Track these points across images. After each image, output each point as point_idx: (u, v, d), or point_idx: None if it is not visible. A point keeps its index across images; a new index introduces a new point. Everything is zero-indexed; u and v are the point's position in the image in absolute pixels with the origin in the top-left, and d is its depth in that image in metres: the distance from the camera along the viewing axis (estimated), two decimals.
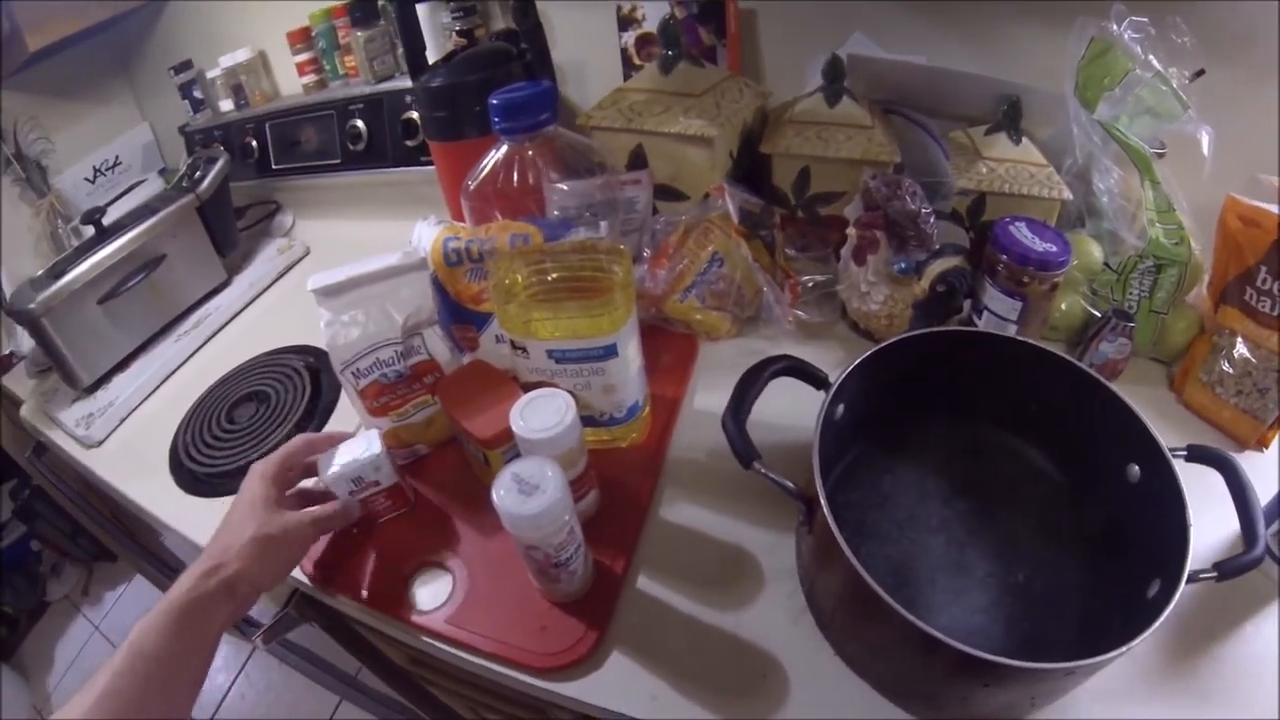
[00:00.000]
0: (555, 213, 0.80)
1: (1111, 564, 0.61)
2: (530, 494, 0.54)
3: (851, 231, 0.85)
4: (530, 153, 0.75)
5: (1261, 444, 0.76)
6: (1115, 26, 0.79)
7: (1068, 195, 0.86)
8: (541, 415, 0.60)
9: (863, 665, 0.59)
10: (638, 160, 0.93)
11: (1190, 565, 0.51)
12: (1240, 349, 0.77)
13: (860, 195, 0.86)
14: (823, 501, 0.53)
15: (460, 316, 0.78)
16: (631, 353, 0.69)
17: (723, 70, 0.99)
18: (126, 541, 1.42)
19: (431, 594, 0.68)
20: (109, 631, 2.03)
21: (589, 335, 0.65)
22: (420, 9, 1.03)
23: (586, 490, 0.67)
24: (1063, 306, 0.87)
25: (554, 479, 0.55)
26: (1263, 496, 0.63)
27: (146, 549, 1.43)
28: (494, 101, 0.69)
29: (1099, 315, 0.84)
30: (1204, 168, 0.77)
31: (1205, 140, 0.77)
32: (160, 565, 1.43)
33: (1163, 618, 0.47)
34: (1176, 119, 0.79)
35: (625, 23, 1.07)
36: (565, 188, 0.78)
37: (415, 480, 0.78)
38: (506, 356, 0.70)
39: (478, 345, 0.80)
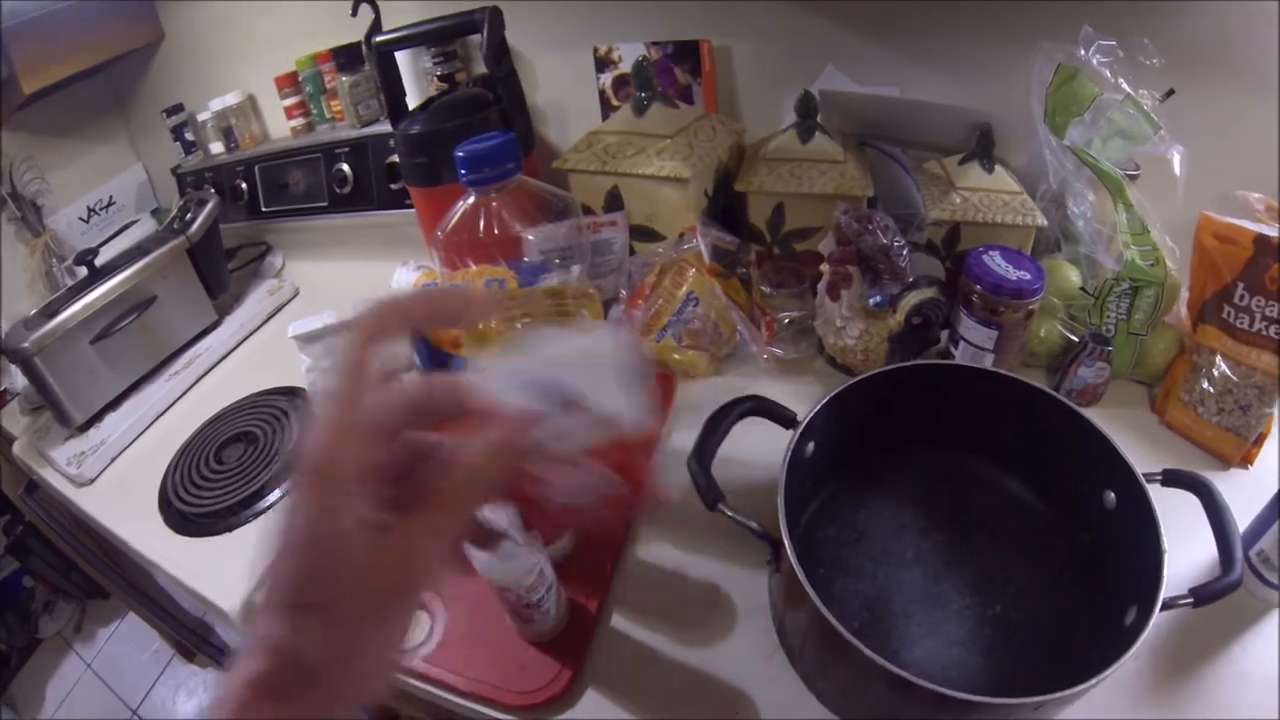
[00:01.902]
0: (526, 258, 0.82)
1: (1089, 592, 0.61)
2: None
3: (825, 267, 0.86)
4: (494, 203, 0.77)
5: (1246, 461, 0.77)
6: (1083, 51, 0.80)
7: (1042, 222, 0.87)
8: None
9: (835, 702, 0.60)
10: (614, 202, 0.95)
11: (1167, 591, 0.51)
12: (1220, 367, 0.77)
13: (833, 231, 0.87)
14: (787, 543, 0.54)
15: (439, 361, 0.80)
16: None
17: (698, 109, 1.01)
18: (119, 579, 1.43)
19: (410, 634, 0.69)
20: (101, 669, 2.03)
21: None
22: (402, 55, 1.06)
23: (560, 532, 0.68)
24: (1041, 333, 0.88)
25: (520, 522, 0.56)
26: (1251, 512, 0.65)
27: (139, 587, 1.44)
28: (459, 154, 0.71)
29: (1077, 340, 0.84)
30: (1177, 188, 0.78)
31: (1177, 160, 0.79)
32: (153, 604, 1.44)
33: (1135, 647, 0.48)
34: (1148, 140, 0.80)
35: (602, 64, 1.10)
36: (534, 236, 0.80)
37: None
38: None
39: None
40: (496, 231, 0.76)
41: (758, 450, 0.69)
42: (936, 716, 0.52)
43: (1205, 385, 0.78)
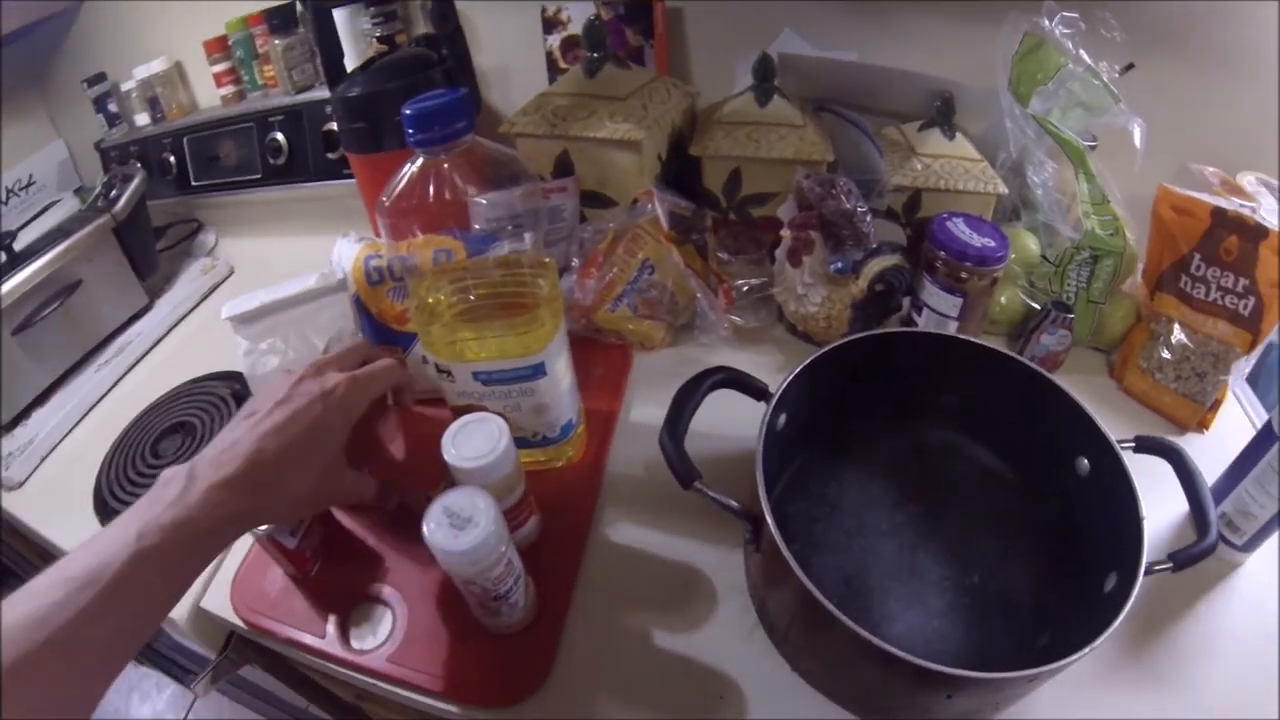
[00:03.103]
0: (478, 226, 0.75)
1: (1066, 559, 0.60)
2: (463, 528, 0.50)
3: (786, 233, 0.82)
4: (446, 165, 0.70)
5: (1202, 426, 0.78)
6: (1047, 22, 0.79)
7: (1003, 189, 0.86)
8: (473, 442, 0.56)
9: (820, 681, 0.58)
10: (564, 167, 0.89)
11: (1146, 558, 0.50)
12: (1178, 335, 0.79)
13: (794, 195, 0.84)
14: (769, 520, 0.51)
15: (385, 338, 0.73)
16: (561, 369, 0.65)
17: (650, 72, 0.96)
18: None
19: (371, 631, 0.64)
20: None
21: (516, 354, 0.61)
22: (339, 15, 0.97)
23: (526, 517, 0.63)
24: (1002, 300, 0.87)
25: (486, 510, 0.51)
26: (1209, 476, 0.66)
27: None
28: (407, 112, 0.64)
29: (1039, 308, 0.84)
30: (1136, 160, 0.77)
31: (1137, 132, 0.78)
32: None
33: (1124, 613, 0.47)
34: (1108, 112, 0.80)
35: (550, 25, 1.03)
36: (486, 200, 0.74)
37: (348, 512, 0.73)
38: (433, 378, 0.66)
39: (405, 367, 0.75)
40: (447, 196, 0.70)
41: (720, 423, 0.65)
42: (929, 692, 0.50)
43: (1163, 353, 0.79)
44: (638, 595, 0.64)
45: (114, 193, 1.15)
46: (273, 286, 0.67)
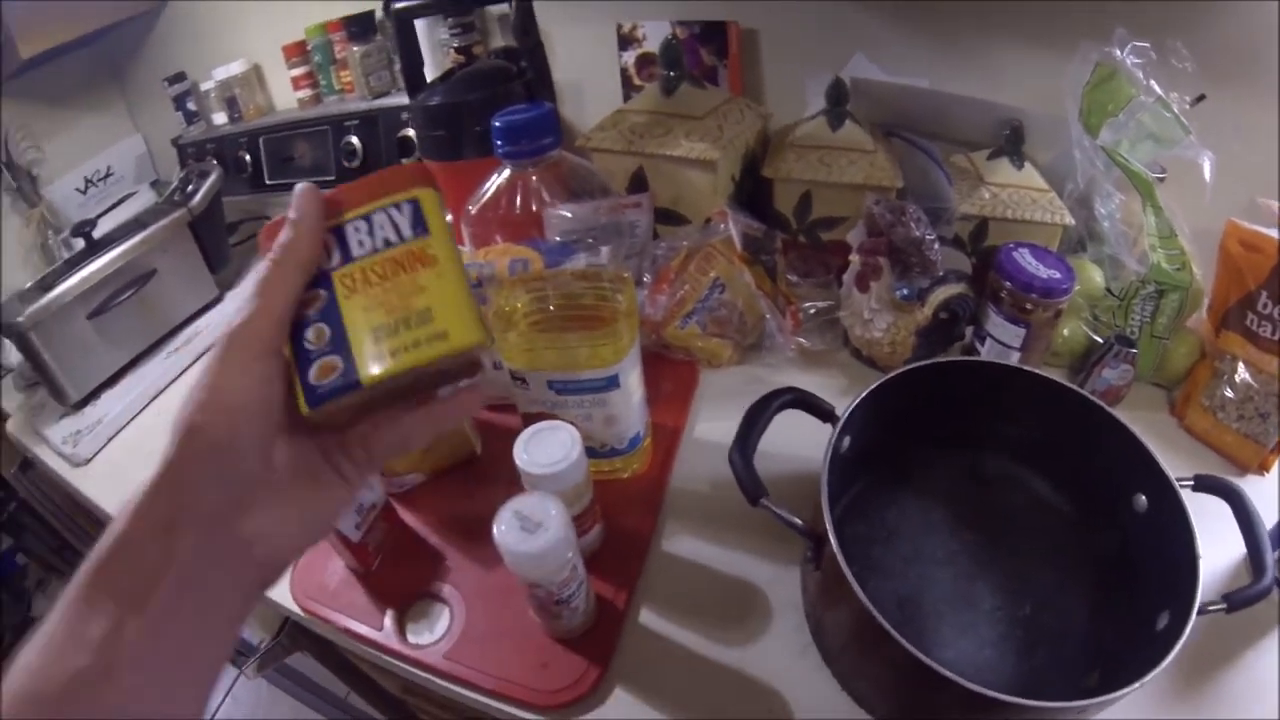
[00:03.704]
0: (555, 237, 0.78)
1: (1120, 595, 0.60)
2: (533, 531, 0.53)
3: (855, 258, 0.84)
4: (534, 178, 0.73)
5: (1263, 468, 0.77)
6: (1118, 52, 0.79)
7: (1070, 220, 0.86)
8: (547, 449, 0.59)
9: (870, 702, 0.58)
10: (638, 183, 0.92)
11: (1200, 597, 0.50)
12: (1241, 374, 0.77)
13: (863, 220, 0.85)
14: (832, 539, 0.52)
15: None
16: (634, 383, 0.68)
17: (724, 92, 0.98)
18: None
19: (428, 627, 0.67)
20: None
21: (591, 366, 0.64)
22: (418, 25, 1.02)
23: (591, 525, 0.66)
24: (1065, 332, 0.87)
25: (557, 516, 0.53)
26: (1268, 518, 0.63)
27: None
28: (497, 124, 0.68)
29: (1101, 341, 0.84)
30: (1205, 193, 0.77)
31: (1207, 166, 0.78)
32: None
33: (1175, 652, 0.47)
34: (1178, 144, 0.79)
35: (625, 42, 1.07)
36: (567, 213, 0.77)
37: (410, 510, 0.76)
38: (505, 384, 0.69)
39: None
40: (534, 208, 0.73)
41: (785, 443, 0.66)
42: (973, 717, 0.51)
43: (1226, 391, 0.78)
44: (694, 607, 0.66)
45: (190, 188, 1.20)
46: None
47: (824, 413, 0.64)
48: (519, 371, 0.66)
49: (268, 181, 1.34)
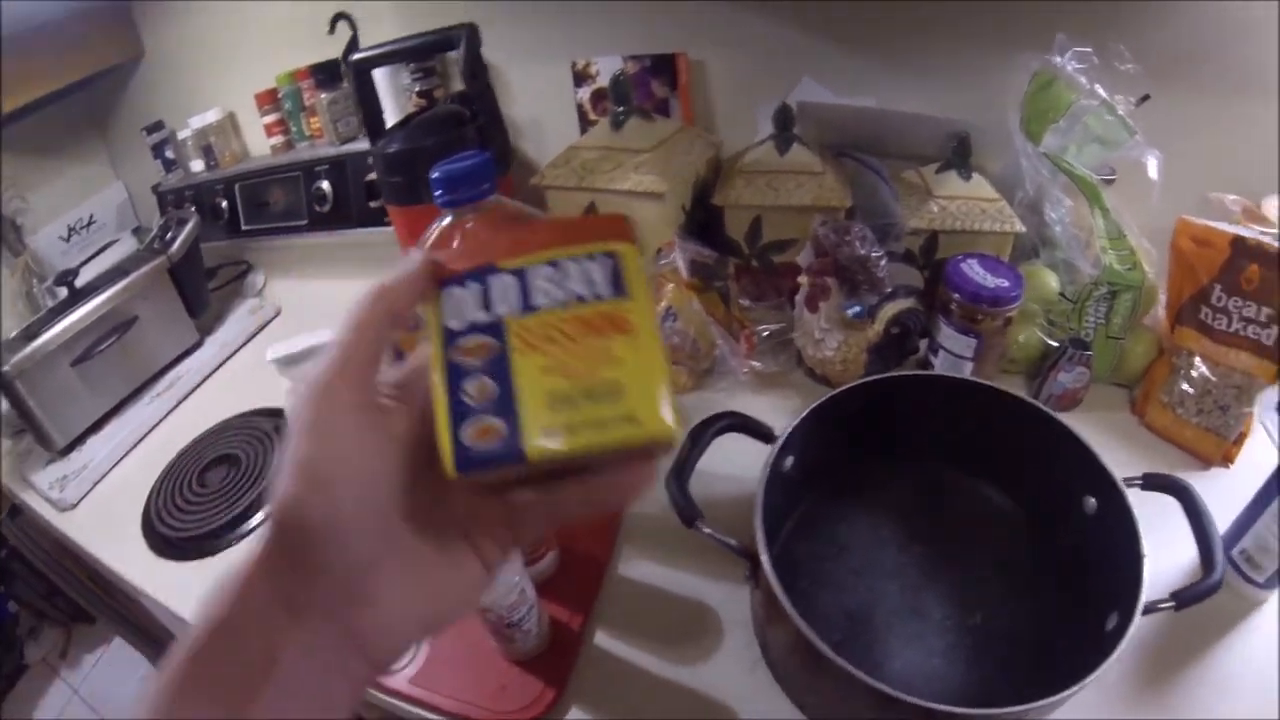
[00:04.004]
0: None
1: (1071, 598, 0.62)
2: None
3: (803, 279, 0.87)
4: (469, 224, 0.77)
5: (1226, 460, 0.78)
6: (1058, 58, 0.81)
7: (1020, 228, 0.88)
8: None
9: (817, 714, 0.61)
10: None
11: (1148, 596, 0.52)
12: (1199, 368, 0.79)
13: (811, 242, 0.88)
14: (765, 560, 0.55)
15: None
16: None
17: (675, 123, 1.03)
18: (103, 604, 1.43)
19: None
20: (88, 695, 2.01)
21: None
22: (381, 71, 1.07)
23: (543, 553, 0.69)
24: (1020, 339, 0.89)
25: None
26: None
27: (123, 612, 1.44)
28: (434, 175, 0.71)
29: (1056, 346, 0.85)
30: (1153, 192, 0.79)
31: (1153, 164, 0.80)
32: (138, 629, 1.44)
33: (1116, 653, 0.49)
34: (1124, 145, 0.82)
35: (580, 78, 1.11)
36: None
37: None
38: None
39: None
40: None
41: (736, 464, 0.69)
42: None
43: (1184, 386, 0.80)
44: (649, 628, 0.69)
45: (169, 235, 1.25)
46: (313, 331, 0.75)
47: (763, 434, 0.67)
48: None
49: (244, 227, 1.38)
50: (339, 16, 1.00)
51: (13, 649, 2.09)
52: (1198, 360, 0.79)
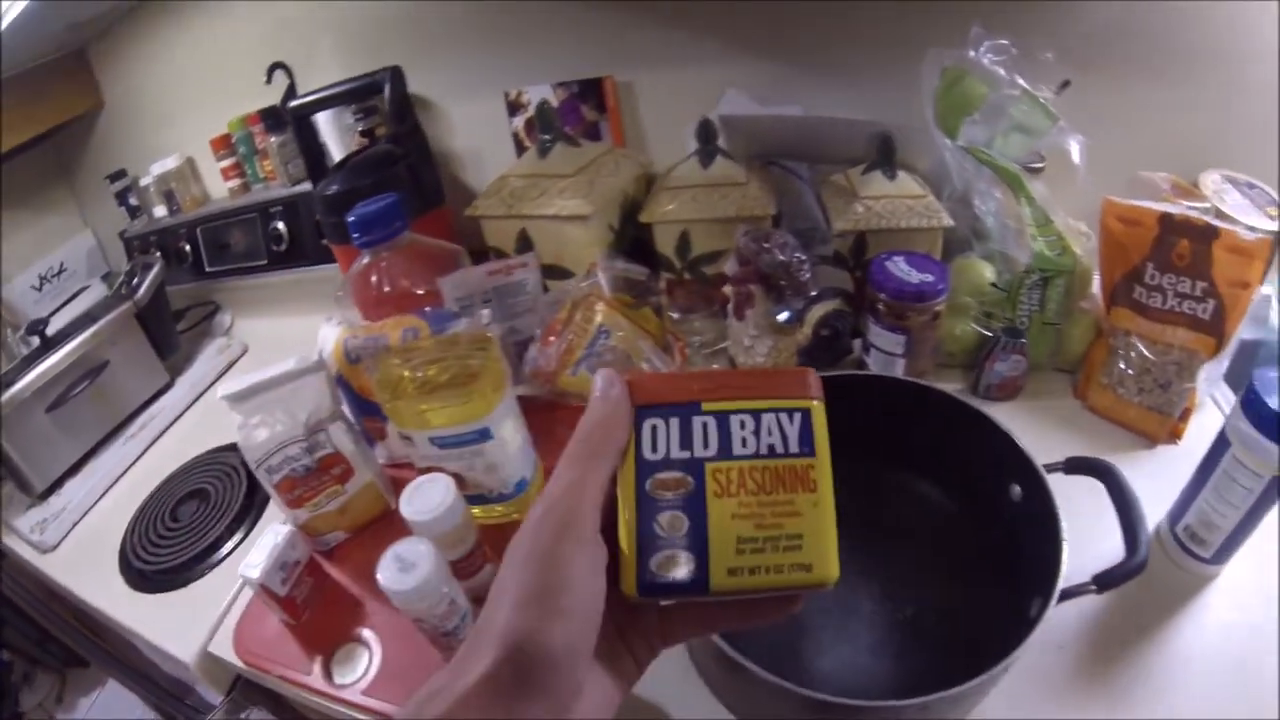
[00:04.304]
0: (450, 304, 0.88)
1: (1000, 587, 0.62)
2: (408, 570, 0.62)
3: (728, 288, 0.92)
4: (384, 262, 0.83)
5: (1174, 436, 0.80)
6: (972, 52, 0.84)
7: (948, 222, 0.90)
8: (425, 499, 0.68)
9: (745, 713, 0.63)
10: (525, 243, 1.01)
11: (1072, 580, 0.54)
12: (1137, 347, 0.81)
13: (734, 252, 0.91)
14: None
15: (367, 409, 0.86)
16: (509, 432, 0.77)
17: (601, 146, 1.08)
18: (92, 646, 1.47)
19: (351, 669, 0.75)
20: None
21: (463, 421, 0.73)
22: (326, 113, 1.13)
23: (480, 565, 0.74)
24: (956, 332, 0.91)
25: (428, 556, 0.62)
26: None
27: (115, 654, 1.47)
28: (350, 219, 0.77)
29: (990, 336, 0.87)
30: (1077, 176, 0.82)
31: (1075, 149, 0.83)
32: (128, 669, 1.47)
33: (1028, 641, 0.50)
34: (1048, 133, 0.84)
35: (514, 108, 1.17)
36: (451, 281, 0.87)
37: (333, 564, 0.86)
38: (401, 445, 0.78)
39: (385, 435, 0.88)
40: (387, 289, 0.83)
41: None
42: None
43: (1123, 367, 0.82)
44: None
45: (135, 280, 1.30)
46: (261, 369, 0.81)
47: None
48: (406, 432, 0.75)
49: (208, 269, 1.44)
50: (275, 66, 1.06)
51: (7, 697, 2.10)
52: (1135, 340, 0.81)
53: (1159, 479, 0.72)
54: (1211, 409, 0.82)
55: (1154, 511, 0.68)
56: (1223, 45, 0.86)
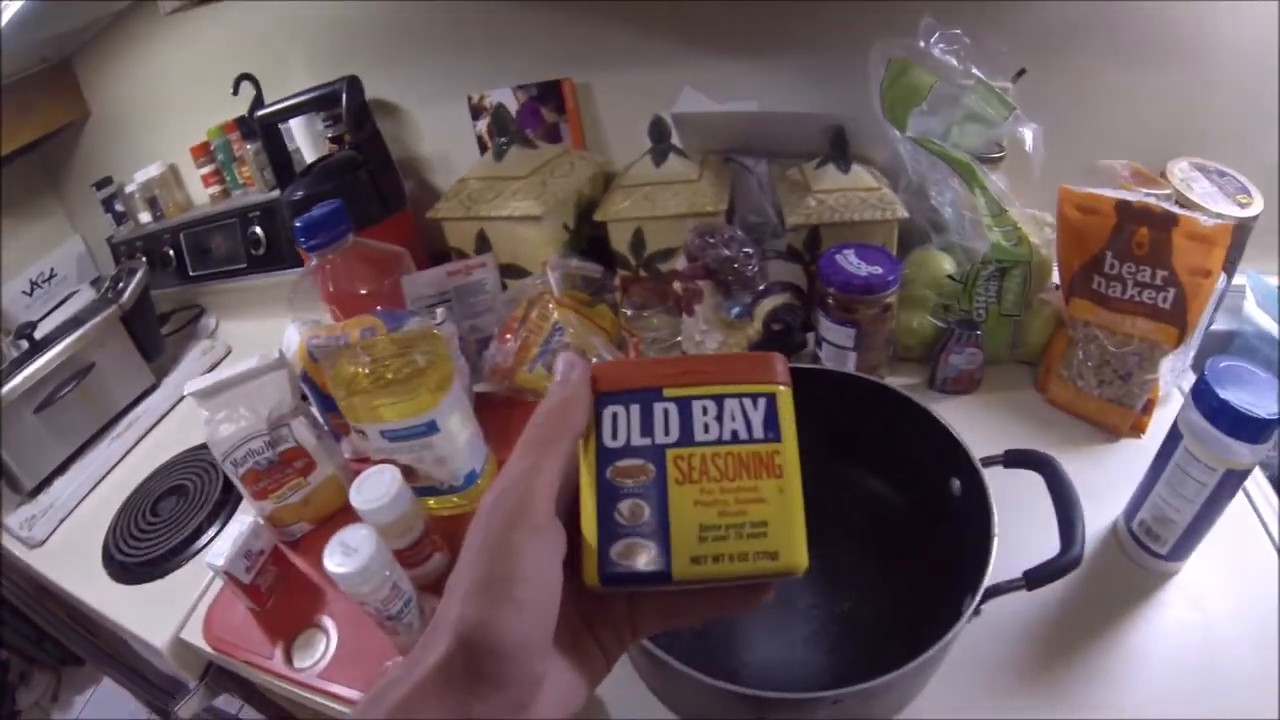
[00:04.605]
0: (411, 304, 0.93)
1: (940, 583, 0.62)
2: (350, 555, 0.66)
3: (677, 285, 0.96)
4: (329, 265, 0.88)
5: (1138, 429, 0.80)
6: (922, 43, 0.84)
7: (903, 214, 0.92)
8: (373, 489, 0.73)
9: (673, 703, 0.65)
10: (483, 244, 1.05)
11: (1002, 576, 0.54)
12: (1096, 339, 0.80)
13: (684, 249, 0.94)
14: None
15: (331, 406, 0.91)
16: (455, 426, 0.81)
17: (557, 147, 1.12)
18: (89, 645, 1.52)
19: (310, 654, 0.80)
20: None
21: (410, 415, 0.78)
22: (299, 119, 1.18)
23: (429, 553, 0.79)
24: (913, 324, 0.93)
25: (369, 541, 0.67)
26: (1077, 491, 0.64)
27: (109, 651, 1.52)
28: (296, 225, 0.82)
29: (945, 328, 0.88)
30: (1033, 165, 0.82)
31: (1029, 138, 0.82)
32: (124, 668, 1.52)
33: (945, 640, 0.51)
34: (1003, 122, 0.84)
35: (477, 112, 1.21)
36: (412, 279, 0.92)
37: (297, 553, 0.91)
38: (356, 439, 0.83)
39: (350, 430, 0.93)
40: (332, 289, 0.88)
41: None
42: (755, 715, 0.55)
43: (1082, 358, 0.81)
44: None
45: (121, 285, 1.35)
46: (226, 367, 0.86)
47: None
48: (358, 426, 0.80)
49: (191, 273, 1.49)
50: (242, 77, 1.11)
51: (4, 695, 2.13)
52: (1095, 331, 0.80)
53: (1118, 474, 0.73)
54: (1178, 401, 0.81)
55: (1114, 507, 0.69)
56: (1186, 31, 0.87)
